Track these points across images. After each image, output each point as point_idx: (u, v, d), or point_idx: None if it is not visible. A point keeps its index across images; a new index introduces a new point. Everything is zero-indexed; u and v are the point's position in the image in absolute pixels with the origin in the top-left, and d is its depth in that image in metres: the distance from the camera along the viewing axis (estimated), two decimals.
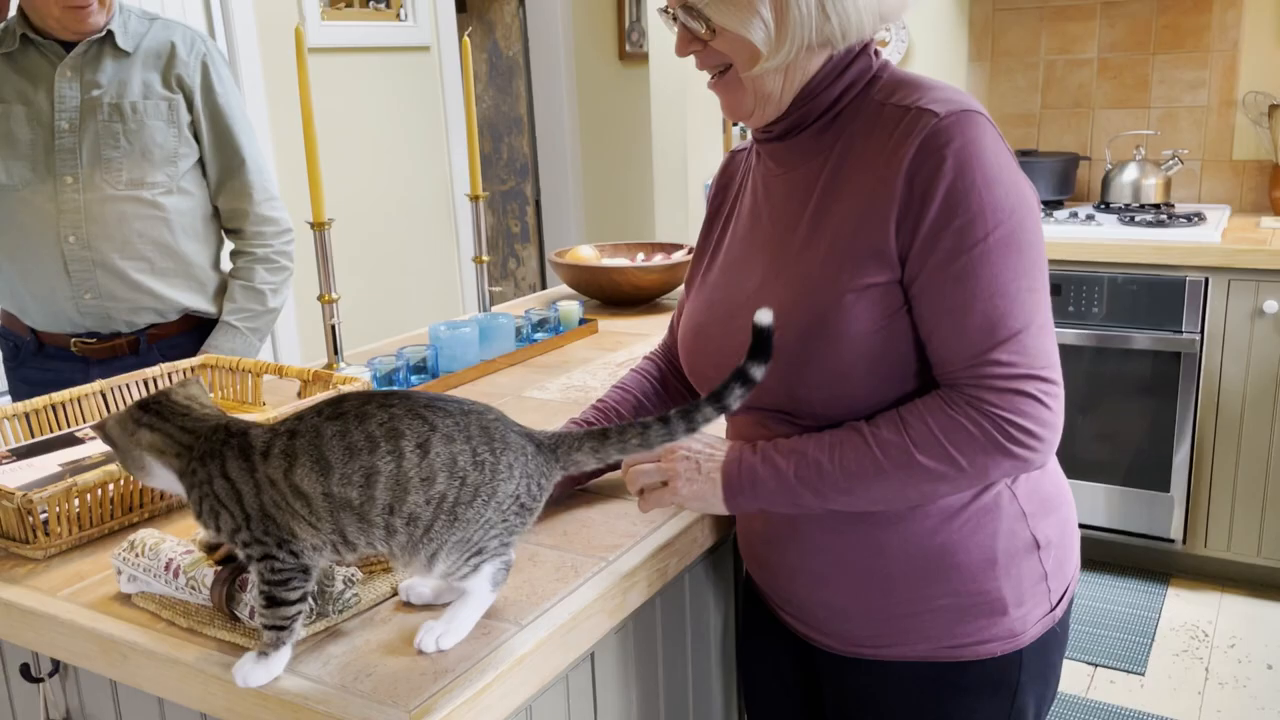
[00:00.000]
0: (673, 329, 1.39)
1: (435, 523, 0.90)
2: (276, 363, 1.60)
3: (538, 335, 2.00)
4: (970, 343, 0.97)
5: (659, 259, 2.38)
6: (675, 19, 1.06)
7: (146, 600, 1.03)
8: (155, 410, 0.94)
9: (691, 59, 1.09)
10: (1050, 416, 0.97)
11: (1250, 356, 2.72)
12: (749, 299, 1.08)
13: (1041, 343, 0.98)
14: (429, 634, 0.93)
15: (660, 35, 3.32)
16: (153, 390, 1.57)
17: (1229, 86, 3.18)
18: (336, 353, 1.72)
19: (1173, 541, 2.91)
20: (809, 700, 1.25)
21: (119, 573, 1.05)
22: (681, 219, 3.46)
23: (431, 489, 0.89)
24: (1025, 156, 3.28)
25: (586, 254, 2.41)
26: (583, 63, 4.72)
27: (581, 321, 2.10)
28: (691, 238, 3.42)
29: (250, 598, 0.94)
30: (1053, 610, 1.11)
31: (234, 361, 1.61)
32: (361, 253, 3.43)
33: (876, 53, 1.08)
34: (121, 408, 1.52)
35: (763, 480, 1.04)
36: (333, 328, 1.70)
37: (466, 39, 1.92)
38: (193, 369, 1.63)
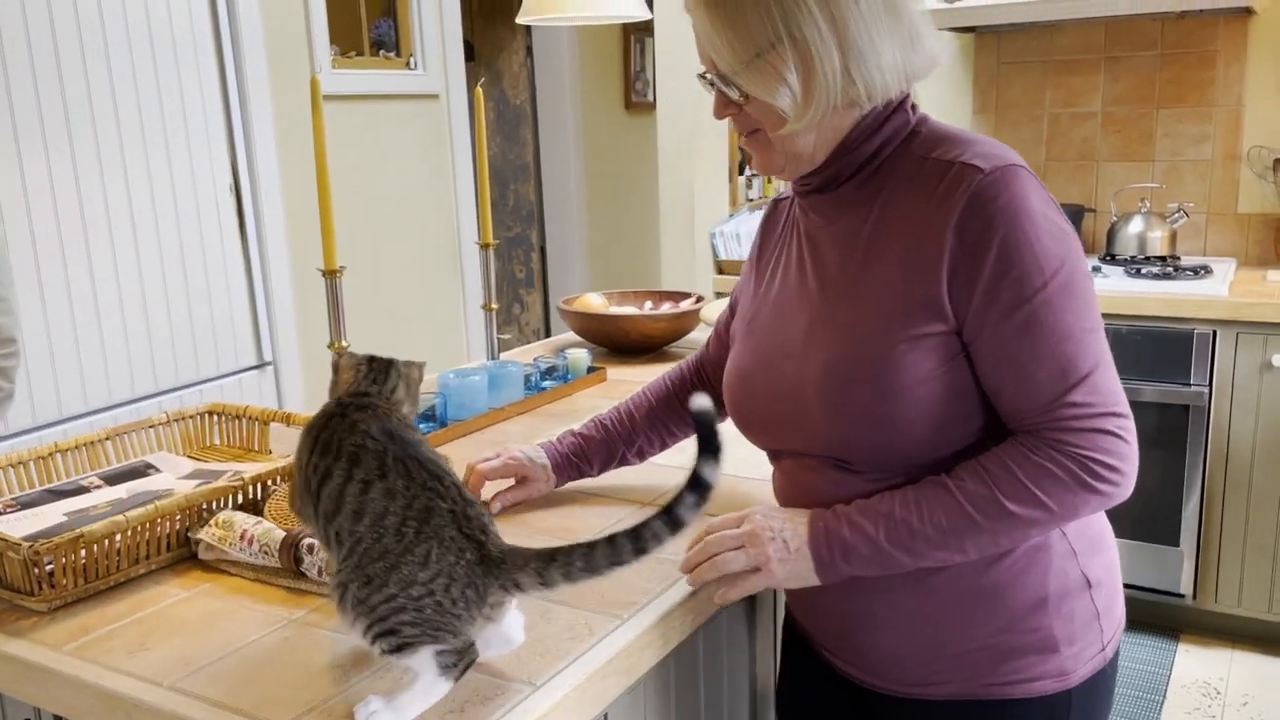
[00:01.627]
0: (701, 358, 1.46)
1: (349, 560, 0.90)
2: (286, 410, 1.59)
3: (546, 383, 1.99)
4: (1044, 389, 0.99)
5: (667, 307, 2.38)
6: (712, 84, 1.09)
7: (223, 562, 1.22)
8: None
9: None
10: (1129, 450, 1.00)
11: (1259, 410, 2.71)
12: (796, 348, 1.10)
13: (1109, 380, 1.01)
14: (365, 708, 0.90)
15: (668, 85, 3.35)
16: (157, 440, 1.56)
17: (1233, 140, 3.20)
18: None
19: (1182, 596, 2.87)
20: None
21: (198, 543, 1.23)
22: (688, 267, 3.47)
23: (356, 524, 0.89)
24: None
25: (595, 302, 2.41)
26: (589, 111, 4.76)
27: (590, 370, 2.09)
28: (697, 286, 3.44)
29: (317, 559, 1.12)
30: (1103, 650, 1.10)
31: (240, 409, 1.60)
32: (368, 299, 3.43)
33: (914, 107, 1.10)
34: (127, 458, 1.51)
35: (854, 548, 1.04)
36: None
37: (480, 90, 1.93)
38: (200, 414, 1.62)
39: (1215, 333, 2.71)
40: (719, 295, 3.46)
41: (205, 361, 2.90)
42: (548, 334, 4.99)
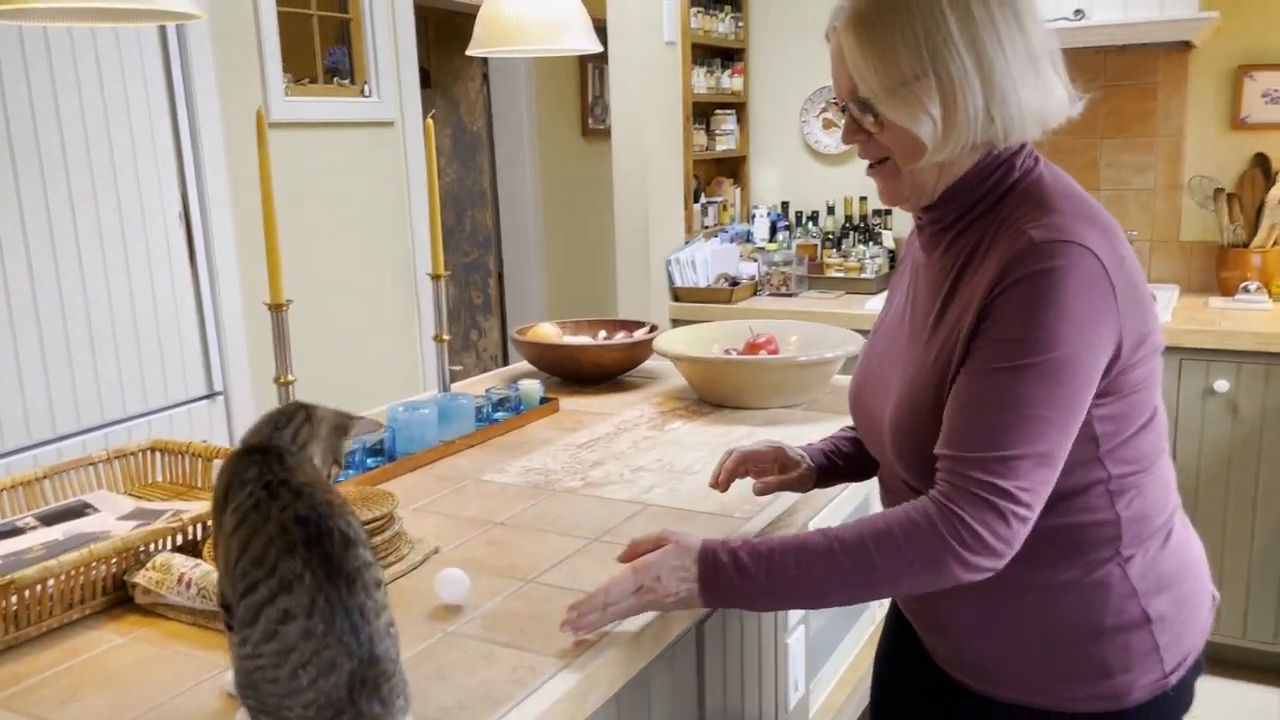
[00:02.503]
0: None
1: (245, 660, 0.87)
2: (232, 446, 1.57)
3: (498, 415, 1.98)
4: (972, 441, 1.03)
5: (621, 337, 2.38)
6: (845, 110, 1.13)
7: (160, 606, 1.19)
8: None
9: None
10: (1009, 535, 1.02)
11: (1203, 435, 2.76)
12: (889, 375, 1.20)
13: (1035, 472, 1.02)
14: None
15: (622, 114, 3.37)
16: (97, 479, 1.53)
17: (1175, 170, 3.27)
18: None
19: None
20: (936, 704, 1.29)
21: (134, 587, 1.20)
22: (644, 294, 3.47)
23: (264, 644, 0.85)
24: None
25: (548, 331, 2.40)
26: (546, 138, 4.77)
27: (543, 400, 2.09)
28: (653, 313, 3.44)
29: None
30: (1164, 678, 1.14)
31: (184, 445, 1.58)
32: (322, 329, 3.40)
33: (1031, 154, 1.13)
34: (66, 496, 1.48)
35: (735, 587, 1.08)
36: None
37: (430, 121, 1.93)
38: (142, 451, 1.59)
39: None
40: (675, 322, 3.47)
41: (153, 392, 2.86)
42: (505, 360, 4.97)
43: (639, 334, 2.37)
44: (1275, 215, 3.06)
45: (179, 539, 1.29)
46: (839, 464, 1.41)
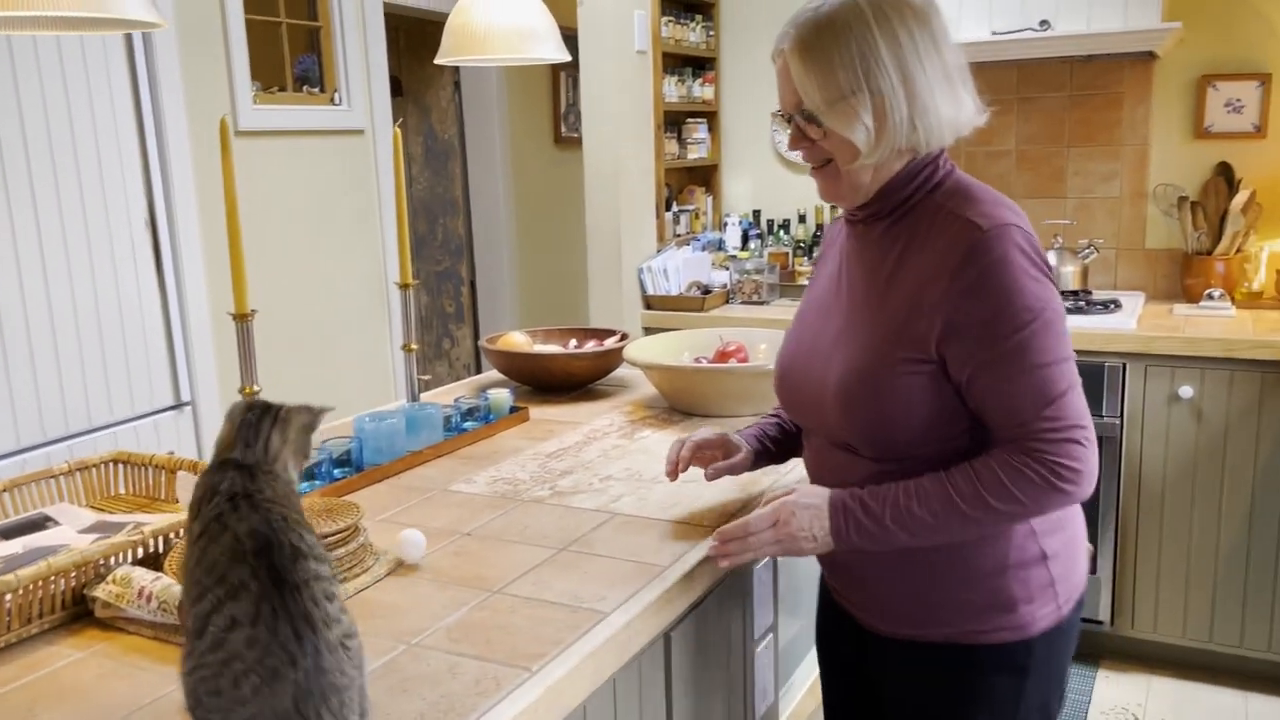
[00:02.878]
0: None
1: (193, 670, 0.87)
2: (193, 459, 1.55)
3: (467, 424, 1.98)
4: (1024, 408, 1.21)
5: (591, 346, 2.38)
6: (789, 120, 1.30)
7: (120, 620, 1.17)
8: None
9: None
10: (1090, 456, 1.22)
11: (1169, 440, 2.79)
12: (825, 349, 1.35)
13: (1077, 401, 1.23)
14: None
15: (593, 122, 3.37)
16: (58, 491, 1.51)
17: (1140, 178, 3.31)
18: None
19: (1101, 624, 2.93)
20: (865, 676, 1.47)
21: (94, 601, 1.18)
22: (616, 303, 3.47)
23: (211, 653, 0.85)
24: None
25: (518, 340, 2.40)
26: (518, 146, 4.76)
27: (512, 409, 2.08)
28: (625, 321, 3.44)
29: None
30: (1059, 609, 1.33)
31: (146, 457, 1.56)
32: (292, 338, 3.37)
33: (946, 159, 1.32)
34: (27, 509, 1.46)
35: (864, 525, 1.26)
36: None
37: (398, 130, 1.92)
38: (104, 463, 1.57)
39: (1125, 365, 2.79)
40: (647, 331, 3.47)
41: (119, 403, 2.83)
42: (478, 369, 4.95)
43: (609, 343, 2.37)
44: (1238, 223, 3.10)
45: (140, 552, 1.27)
46: (769, 448, 1.56)
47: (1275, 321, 2.88)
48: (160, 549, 1.30)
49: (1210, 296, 3.05)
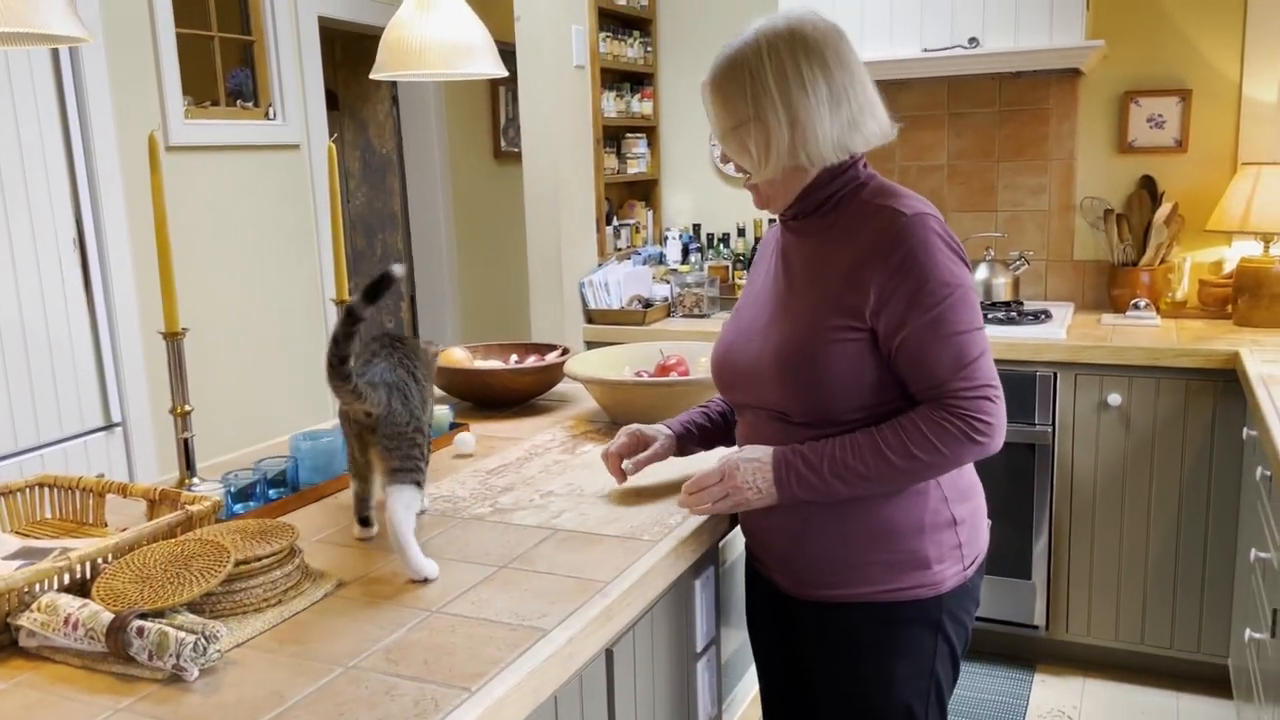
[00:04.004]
0: None
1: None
2: (123, 481, 1.52)
3: None
4: (943, 369, 1.38)
5: (532, 360, 2.37)
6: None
7: (46, 649, 1.14)
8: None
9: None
10: (1000, 412, 1.40)
11: (1098, 447, 2.86)
12: (762, 328, 1.52)
13: (988, 365, 1.41)
14: None
15: (533, 136, 3.37)
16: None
17: (1067, 192, 3.40)
18: (189, 468, 1.64)
19: (1036, 628, 2.99)
20: (792, 651, 1.64)
21: (18, 630, 1.15)
22: (558, 317, 3.47)
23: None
24: None
25: (458, 356, 2.38)
26: (457, 160, 4.74)
27: (453, 426, 2.07)
28: (567, 336, 3.44)
29: (147, 642, 1.08)
30: (965, 570, 1.52)
31: (74, 480, 1.52)
32: (229, 356, 3.32)
33: (865, 165, 1.50)
34: None
35: (805, 477, 1.42)
36: (185, 441, 1.62)
37: (332, 145, 1.90)
38: (29, 487, 1.53)
39: (1056, 375, 2.86)
40: (589, 345, 3.47)
41: (46, 424, 2.75)
42: None
43: (551, 357, 2.36)
44: (1161, 235, 3.20)
45: (66, 579, 1.24)
46: (694, 432, 1.72)
47: (1198, 330, 2.97)
48: (88, 575, 1.26)
49: (1136, 306, 3.14)
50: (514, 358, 2.43)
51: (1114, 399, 2.81)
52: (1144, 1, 3.24)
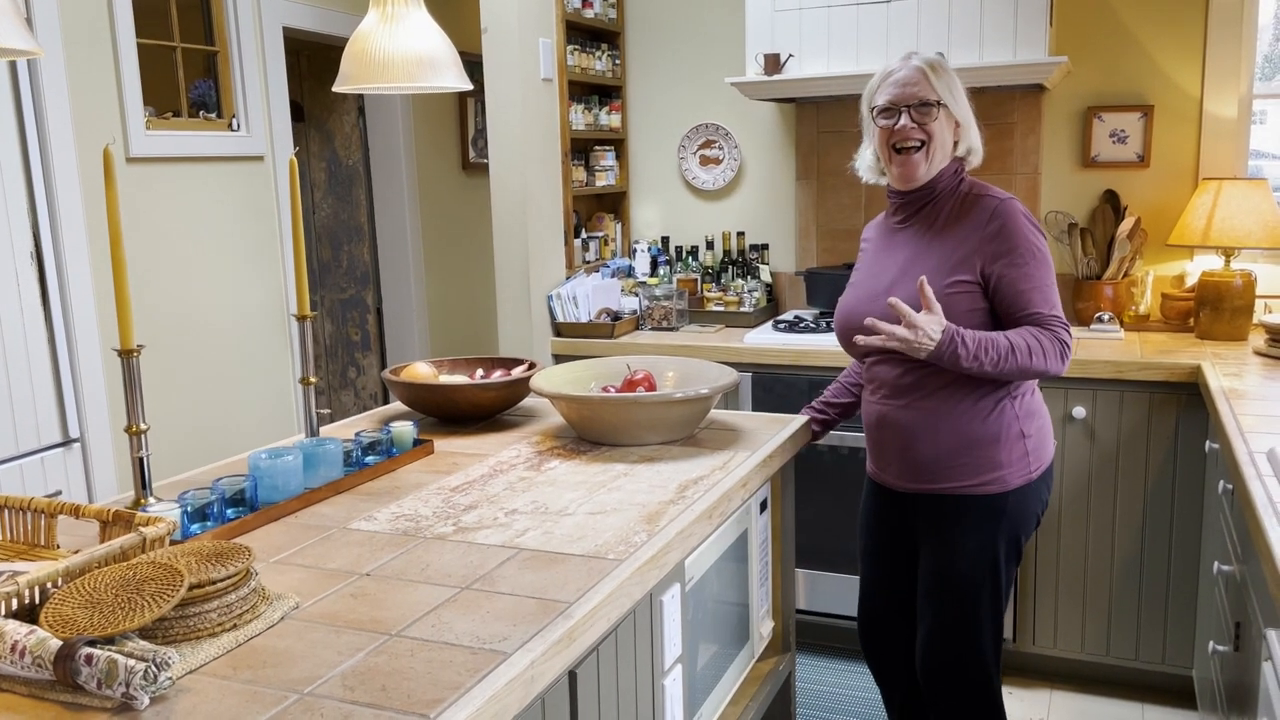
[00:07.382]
0: None
1: None
2: (75, 502, 1.48)
3: (369, 459, 1.93)
4: (1039, 305, 1.95)
5: (498, 375, 2.35)
6: (903, 112, 2.00)
7: None
8: None
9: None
10: (1071, 341, 1.95)
11: (1064, 460, 2.87)
12: (884, 288, 2.05)
13: (1061, 310, 1.98)
14: None
15: (500, 148, 3.35)
16: None
17: (1032, 206, 3.42)
18: (145, 488, 1.60)
19: (1004, 641, 2.99)
20: (897, 530, 2.21)
21: None
22: (525, 330, 3.45)
23: None
24: (849, 268, 3.42)
25: (423, 371, 2.36)
26: (424, 172, 4.71)
27: (417, 442, 2.04)
28: (535, 349, 3.42)
29: (96, 670, 1.05)
30: (1029, 474, 2.04)
31: (25, 500, 1.49)
32: (191, 371, 3.27)
33: (964, 169, 2.08)
34: None
35: (963, 340, 1.89)
36: (140, 460, 1.59)
37: (294, 159, 1.88)
38: None
39: None
40: (558, 358, 3.45)
41: (3, 440, 2.70)
42: (385, 399, 4.86)
43: (517, 372, 2.34)
44: (1124, 249, 3.23)
45: (14, 604, 1.21)
46: (832, 416, 2.35)
47: (1161, 343, 3.00)
48: (36, 600, 1.23)
49: (1100, 320, 3.16)
50: (480, 372, 2.41)
51: (1079, 412, 2.83)
52: (1107, 18, 3.28)
